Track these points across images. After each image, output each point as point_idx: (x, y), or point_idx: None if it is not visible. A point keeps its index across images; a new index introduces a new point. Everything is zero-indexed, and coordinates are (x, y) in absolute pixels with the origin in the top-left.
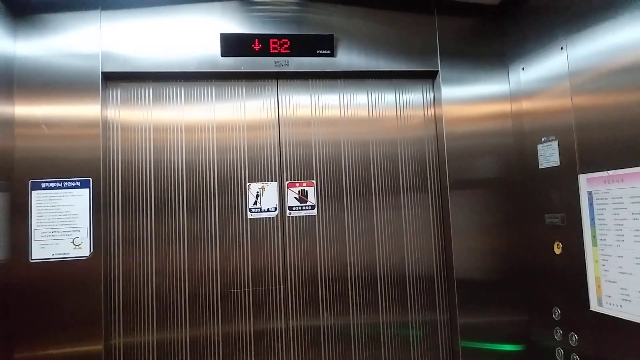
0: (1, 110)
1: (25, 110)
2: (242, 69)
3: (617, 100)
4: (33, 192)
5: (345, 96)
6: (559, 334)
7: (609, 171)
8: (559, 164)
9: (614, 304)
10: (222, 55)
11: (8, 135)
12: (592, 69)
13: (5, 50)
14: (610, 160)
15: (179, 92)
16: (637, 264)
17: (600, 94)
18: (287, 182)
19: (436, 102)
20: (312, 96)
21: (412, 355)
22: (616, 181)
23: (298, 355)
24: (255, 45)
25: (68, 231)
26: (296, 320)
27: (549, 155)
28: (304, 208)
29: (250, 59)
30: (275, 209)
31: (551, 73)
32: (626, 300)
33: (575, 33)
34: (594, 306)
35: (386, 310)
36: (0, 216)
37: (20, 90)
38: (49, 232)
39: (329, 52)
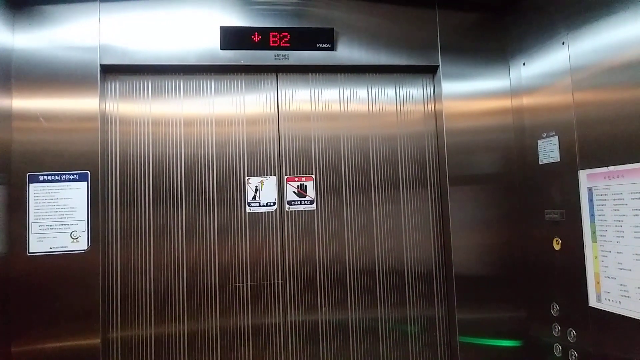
0: None
1: (23, 103)
2: (242, 62)
3: (618, 97)
4: (30, 185)
5: (345, 90)
6: (557, 330)
7: (610, 167)
8: (559, 160)
9: (613, 300)
10: (221, 49)
11: (6, 128)
12: (594, 65)
13: (3, 43)
14: (610, 156)
15: (178, 85)
16: (636, 260)
17: (601, 90)
18: (286, 177)
19: (436, 97)
20: (312, 90)
21: (410, 350)
22: (616, 177)
23: (296, 349)
24: (255, 39)
25: (66, 224)
26: (294, 314)
27: (549, 151)
28: (303, 203)
29: (249, 52)
30: (274, 203)
31: (552, 69)
32: (625, 296)
33: (577, 29)
34: (593, 302)
35: (385, 306)
36: None
37: (18, 82)
38: (47, 225)
39: (329, 46)
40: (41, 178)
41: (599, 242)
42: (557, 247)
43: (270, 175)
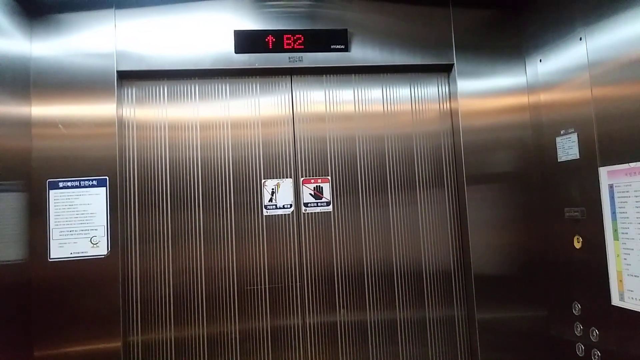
0: (18, 110)
1: (41, 110)
2: (256, 66)
3: (638, 91)
4: (51, 191)
5: (359, 91)
6: (579, 329)
7: (631, 163)
8: (578, 157)
9: (636, 299)
10: (235, 52)
11: (25, 135)
12: (613, 60)
13: (21, 51)
14: (631, 152)
15: (193, 89)
16: None
17: (621, 84)
18: (302, 179)
19: (452, 95)
20: (327, 91)
21: (429, 351)
22: (638, 173)
23: (315, 351)
24: (269, 41)
25: (86, 230)
26: (313, 317)
27: (568, 148)
28: (319, 204)
29: (264, 55)
30: (291, 205)
31: (570, 64)
32: None
33: (595, 23)
34: (615, 301)
35: (403, 307)
36: (18, 216)
37: (37, 90)
38: (67, 231)
39: (343, 47)
40: (61, 184)
41: (621, 239)
42: (577, 245)
43: (287, 177)
